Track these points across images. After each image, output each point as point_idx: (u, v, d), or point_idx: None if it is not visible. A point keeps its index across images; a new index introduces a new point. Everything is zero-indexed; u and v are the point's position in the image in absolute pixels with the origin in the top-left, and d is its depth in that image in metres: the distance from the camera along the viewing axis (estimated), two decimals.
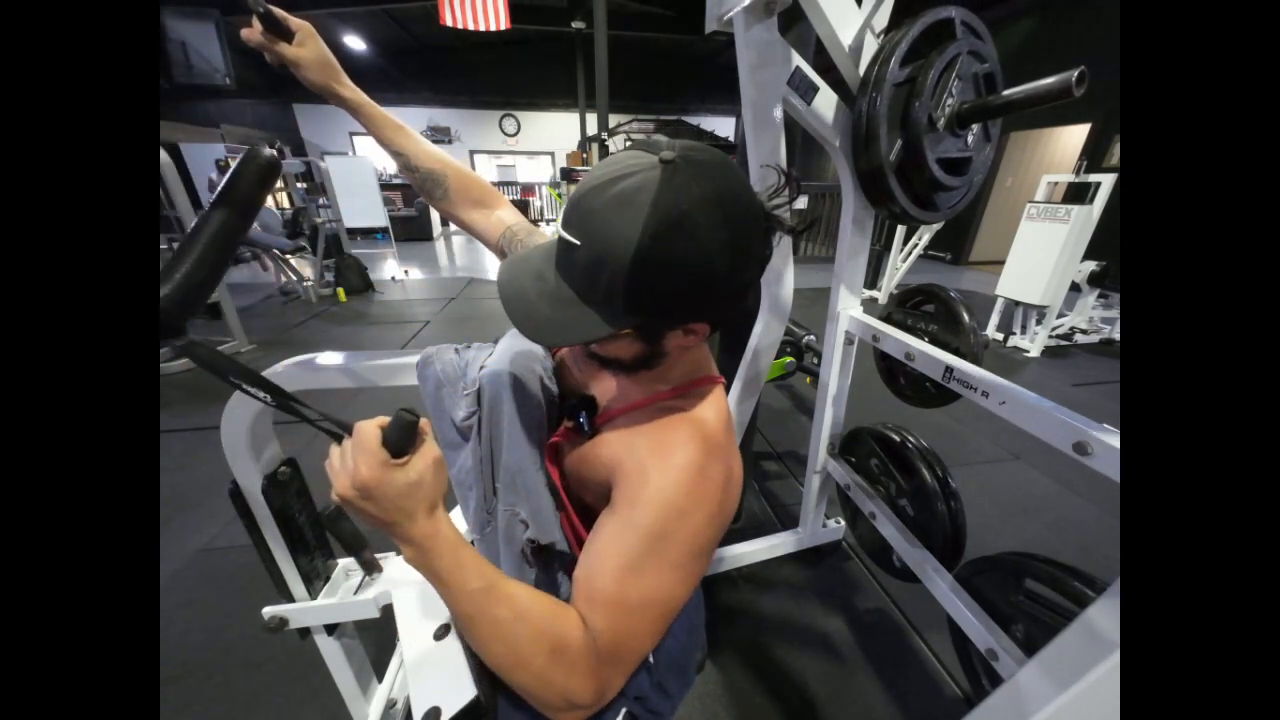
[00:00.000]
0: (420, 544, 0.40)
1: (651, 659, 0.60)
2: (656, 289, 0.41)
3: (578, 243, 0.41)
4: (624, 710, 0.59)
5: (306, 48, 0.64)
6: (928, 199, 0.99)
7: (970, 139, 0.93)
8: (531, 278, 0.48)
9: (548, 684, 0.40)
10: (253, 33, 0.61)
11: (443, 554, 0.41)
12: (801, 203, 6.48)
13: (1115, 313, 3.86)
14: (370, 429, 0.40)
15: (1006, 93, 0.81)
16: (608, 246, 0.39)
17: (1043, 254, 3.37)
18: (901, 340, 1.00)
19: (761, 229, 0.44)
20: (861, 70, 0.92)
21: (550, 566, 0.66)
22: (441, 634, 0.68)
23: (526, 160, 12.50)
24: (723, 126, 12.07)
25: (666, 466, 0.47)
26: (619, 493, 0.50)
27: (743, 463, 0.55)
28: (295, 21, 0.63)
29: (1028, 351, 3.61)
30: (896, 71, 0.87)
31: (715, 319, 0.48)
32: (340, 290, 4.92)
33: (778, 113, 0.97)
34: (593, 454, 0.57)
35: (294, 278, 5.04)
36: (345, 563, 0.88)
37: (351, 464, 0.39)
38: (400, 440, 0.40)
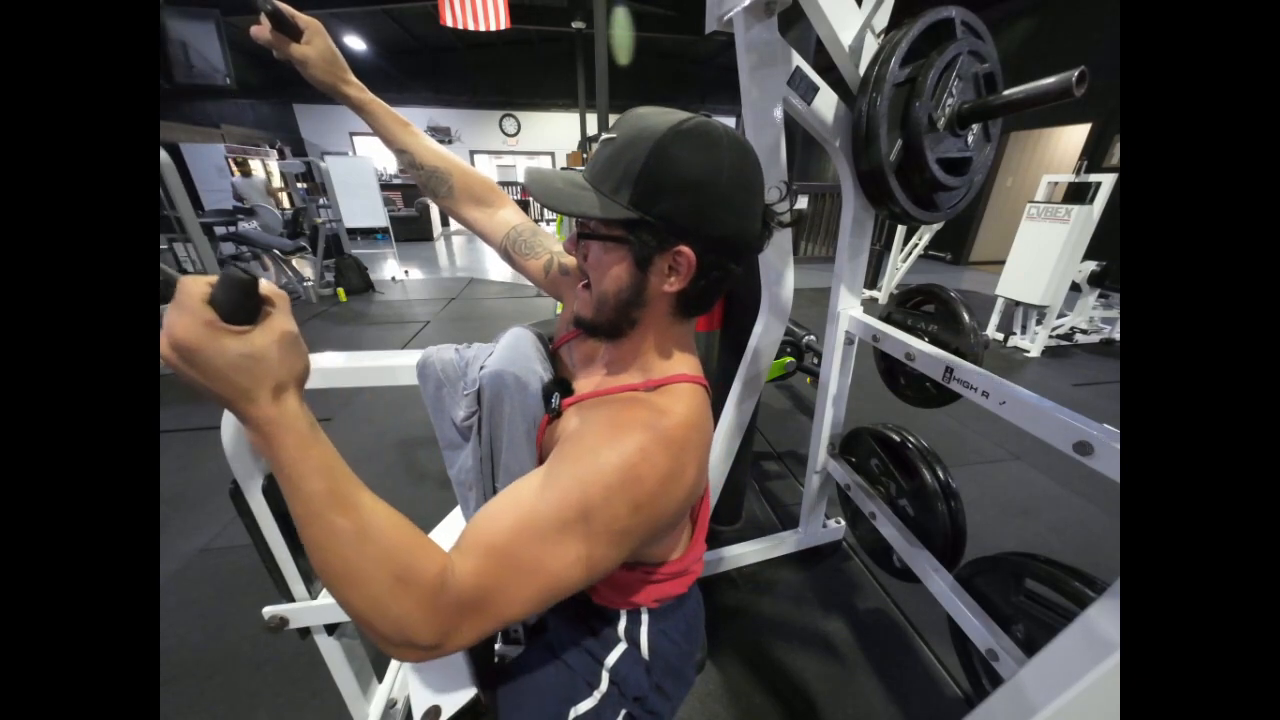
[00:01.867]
0: (261, 429, 0.36)
1: (648, 658, 0.60)
2: (664, 176, 0.45)
3: (614, 135, 0.48)
4: (623, 711, 0.59)
5: (313, 45, 0.64)
6: (928, 199, 0.99)
7: (970, 139, 0.93)
8: (554, 170, 0.52)
9: (382, 613, 0.36)
10: (261, 30, 0.61)
11: (285, 445, 0.36)
12: (802, 202, 6.49)
13: (1115, 313, 3.86)
14: (195, 283, 0.34)
15: (1007, 93, 0.81)
16: (637, 134, 0.45)
17: (1043, 254, 3.37)
18: (901, 340, 1.00)
19: (761, 199, 0.50)
20: (861, 70, 0.92)
21: None
22: None
23: (527, 160, 12.49)
24: None
25: (611, 439, 0.45)
26: (555, 451, 0.47)
27: (730, 473, 0.53)
28: (303, 19, 0.63)
29: (1028, 351, 3.61)
30: (896, 71, 0.87)
31: (702, 255, 0.48)
32: (340, 290, 4.92)
33: (778, 113, 0.97)
34: (556, 432, 0.56)
35: (294, 278, 5.04)
36: None
37: (172, 318, 0.33)
38: (230, 302, 0.34)
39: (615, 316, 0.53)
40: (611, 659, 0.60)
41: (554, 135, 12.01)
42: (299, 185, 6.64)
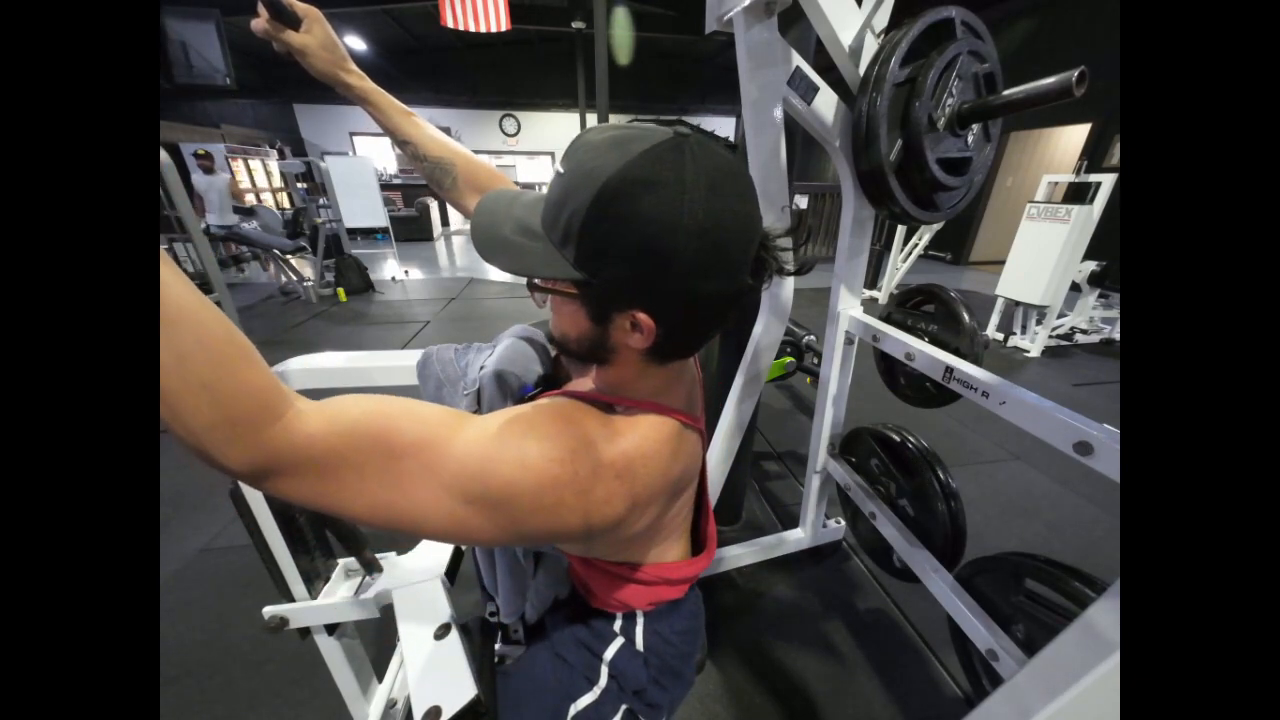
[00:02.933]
0: None
1: (646, 655, 0.61)
2: (609, 240, 0.37)
3: (562, 171, 0.40)
4: (623, 706, 0.59)
5: (313, 34, 0.63)
6: (928, 199, 0.99)
7: (970, 139, 0.93)
8: (510, 202, 0.46)
9: (177, 417, 0.32)
10: (260, 21, 0.60)
11: None
12: (802, 203, 6.49)
13: (1115, 313, 3.86)
14: None
15: (1006, 93, 0.81)
16: (582, 178, 0.37)
17: (1043, 254, 3.37)
18: (901, 340, 1.00)
19: (749, 249, 0.41)
20: (861, 70, 0.93)
21: (550, 570, 0.66)
22: (441, 634, 0.68)
23: (526, 160, 12.49)
24: (723, 126, 12.06)
25: (549, 432, 0.41)
26: (508, 409, 0.45)
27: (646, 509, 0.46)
28: (302, 7, 0.62)
29: (1028, 351, 3.61)
30: (896, 71, 0.87)
31: (663, 318, 0.40)
32: (340, 290, 4.93)
33: (778, 113, 0.97)
34: None
35: (294, 278, 5.04)
36: (345, 563, 0.88)
37: None
38: None
39: (583, 355, 0.48)
40: (610, 653, 0.59)
41: (554, 135, 12.01)
42: (299, 185, 6.64)
